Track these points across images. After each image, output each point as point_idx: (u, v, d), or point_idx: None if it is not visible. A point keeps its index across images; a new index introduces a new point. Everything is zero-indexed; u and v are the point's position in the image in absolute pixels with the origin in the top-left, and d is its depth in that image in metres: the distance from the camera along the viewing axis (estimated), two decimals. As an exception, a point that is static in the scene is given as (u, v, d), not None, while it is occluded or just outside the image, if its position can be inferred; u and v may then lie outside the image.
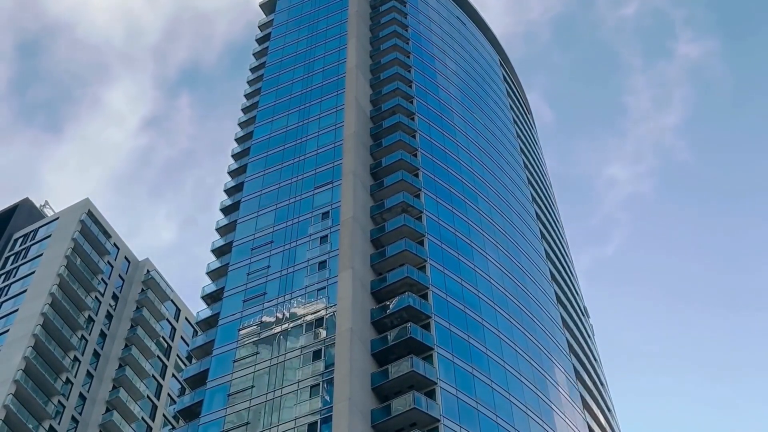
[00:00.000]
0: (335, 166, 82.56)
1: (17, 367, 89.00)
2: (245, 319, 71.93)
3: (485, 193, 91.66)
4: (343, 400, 59.96)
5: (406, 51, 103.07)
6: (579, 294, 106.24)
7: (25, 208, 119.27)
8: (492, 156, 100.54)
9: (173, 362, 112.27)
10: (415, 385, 63.09)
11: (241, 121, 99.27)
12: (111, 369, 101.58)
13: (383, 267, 73.56)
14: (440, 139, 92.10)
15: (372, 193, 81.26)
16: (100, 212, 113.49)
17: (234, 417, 64.19)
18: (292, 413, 62.00)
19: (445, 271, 74.74)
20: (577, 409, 79.27)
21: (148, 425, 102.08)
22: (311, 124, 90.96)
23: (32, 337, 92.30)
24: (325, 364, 64.05)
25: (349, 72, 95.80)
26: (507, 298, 79.91)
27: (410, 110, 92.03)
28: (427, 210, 79.45)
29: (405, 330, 66.28)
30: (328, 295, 69.56)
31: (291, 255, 75.68)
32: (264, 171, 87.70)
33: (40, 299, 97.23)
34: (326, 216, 77.53)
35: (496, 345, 72.93)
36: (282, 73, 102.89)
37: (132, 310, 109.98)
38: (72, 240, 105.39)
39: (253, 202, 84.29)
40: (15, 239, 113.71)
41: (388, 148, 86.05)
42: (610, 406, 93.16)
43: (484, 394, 66.85)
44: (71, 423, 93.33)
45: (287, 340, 68.01)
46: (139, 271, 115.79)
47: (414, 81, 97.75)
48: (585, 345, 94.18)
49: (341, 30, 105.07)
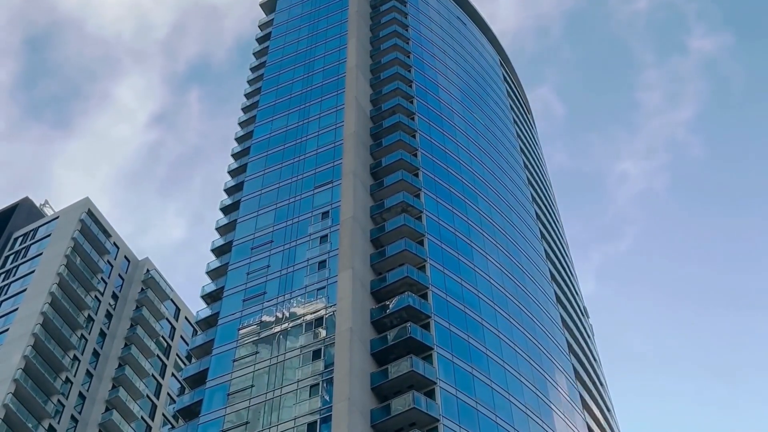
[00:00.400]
0: (335, 166, 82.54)
1: (17, 366, 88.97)
2: (245, 319, 71.91)
3: (485, 193, 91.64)
4: (342, 399, 59.95)
5: (407, 51, 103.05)
6: (579, 294, 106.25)
7: (25, 207, 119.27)
8: (492, 156, 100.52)
9: (173, 361, 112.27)
10: (414, 385, 63.08)
11: (241, 121, 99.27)
12: (111, 368, 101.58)
13: (383, 267, 73.55)
14: (440, 139, 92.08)
15: (372, 192, 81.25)
16: (100, 211, 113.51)
17: (233, 416, 64.17)
18: (291, 413, 62.00)
19: (445, 271, 74.72)
20: (576, 409, 79.27)
21: (147, 424, 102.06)
22: (311, 123, 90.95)
23: (32, 336, 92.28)
24: (325, 363, 64.04)
25: (350, 72, 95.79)
26: (507, 298, 79.89)
27: (410, 110, 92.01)
28: (427, 210, 79.43)
29: (405, 330, 66.27)
30: (328, 294, 69.54)
31: (291, 254, 75.67)
32: (264, 170, 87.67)
33: (40, 298, 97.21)
34: (326, 216, 77.51)
35: (495, 345, 72.92)
36: (282, 73, 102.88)
37: (132, 309, 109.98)
38: (72, 239, 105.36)
39: (253, 202, 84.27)
40: (15, 238, 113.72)
41: (388, 147, 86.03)
42: (609, 406, 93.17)
43: (483, 394, 66.83)
44: (71, 422, 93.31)
45: (287, 340, 68.01)
46: (139, 271, 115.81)
47: (414, 81, 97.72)
48: (584, 345, 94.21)
49: (341, 30, 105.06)
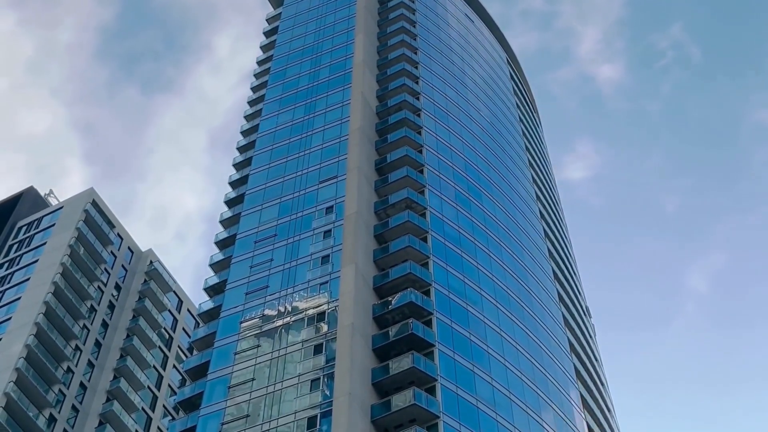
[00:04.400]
0: (340, 161, 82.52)
1: (19, 355, 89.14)
2: (247, 312, 71.98)
3: (489, 190, 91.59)
4: (343, 394, 60.00)
5: (414, 47, 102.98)
6: (581, 293, 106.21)
7: (30, 197, 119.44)
8: (497, 154, 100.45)
9: (174, 353, 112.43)
10: (415, 382, 63.11)
11: (247, 114, 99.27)
12: (112, 359, 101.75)
13: (386, 263, 73.56)
14: (446, 136, 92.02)
15: (376, 188, 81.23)
16: (104, 201, 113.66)
17: (234, 409, 64.25)
18: (292, 407, 62.06)
19: (448, 268, 74.70)
20: (576, 408, 79.27)
21: (148, 416, 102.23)
22: (317, 118, 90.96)
23: (34, 326, 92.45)
24: (326, 358, 64.09)
25: (356, 67, 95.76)
26: (509, 296, 79.89)
27: (416, 106, 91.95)
28: (431, 207, 79.40)
29: (406, 326, 66.30)
30: (331, 289, 69.57)
31: (294, 249, 75.69)
32: (269, 164, 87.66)
33: (43, 288, 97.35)
34: (330, 210, 77.51)
35: (497, 343, 72.92)
36: (289, 67, 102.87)
37: (134, 300, 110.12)
38: (76, 229, 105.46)
39: (257, 195, 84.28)
40: (19, 227, 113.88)
41: (393, 143, 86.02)
42: (610, 406, 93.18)
43: (484, 392, 66.85)
44: (71, 412, 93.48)
45: (288, 334, 68.06)
46: (142, 262, 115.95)
47: (421, 77, 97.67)
48: (586, 344, 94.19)
49: (349, 24, 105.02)
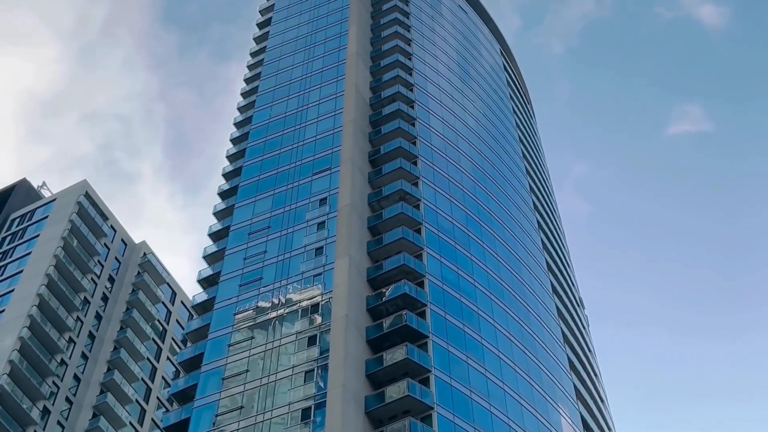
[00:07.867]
0: (334, 153, 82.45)
1: (12, 347, 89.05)
2: (241, 304, 71.96)
3: (483, 182, 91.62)
4: (337, 386, 60.04)
5: (407, 38, 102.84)
6: (575, 285, 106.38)
7: (23, 189, 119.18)
8: (491, 145, 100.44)
9: (168, 345, 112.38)
10: (409, 373, 63.17)
11: (240, 106, 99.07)
12: (106, 351, 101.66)
13: (380, 254, 73.57)
14: (439, 127, 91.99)
15: (370, 180, 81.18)
16: (97, 194, 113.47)
17: (228, 401, 64.26)
18: (286, 398, 62.10)
19: (442, 259, 74.74)
20: (570, 399, 79.44)
21: (142, 407, 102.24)
22: (310, 109, 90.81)
23: (27, 318, 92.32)
24: (320, 350, 64.11)
25: (350, 58, 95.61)
26: (503, 287, 79.96)
27: (410, 98, 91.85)
28: (424, 198, 79.41)
29: (400, 317, 66.34)
30: (324, 281, 69.57)
31: (288, 240, 75.65)
32: (262, 156, 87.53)
33: (36, 280, 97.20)
34: (324, 202, 77.47)
35: (491, 334, 73.01)
36: (282, 58, 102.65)
37: (128, 292, 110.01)
38: (69, 221, 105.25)
39: (250, 187, 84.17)
40: (12, 219, 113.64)
41: (387, 135, 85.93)
42: (603, 397, 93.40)
43: (478, 383, 66.95)
44: (65, 404, 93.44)
45: (282, 326, 68.07)
46: (136, 254, 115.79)
47: (414, 69, 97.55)
48: (579, 336, 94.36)
49: (342, 16, 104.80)
